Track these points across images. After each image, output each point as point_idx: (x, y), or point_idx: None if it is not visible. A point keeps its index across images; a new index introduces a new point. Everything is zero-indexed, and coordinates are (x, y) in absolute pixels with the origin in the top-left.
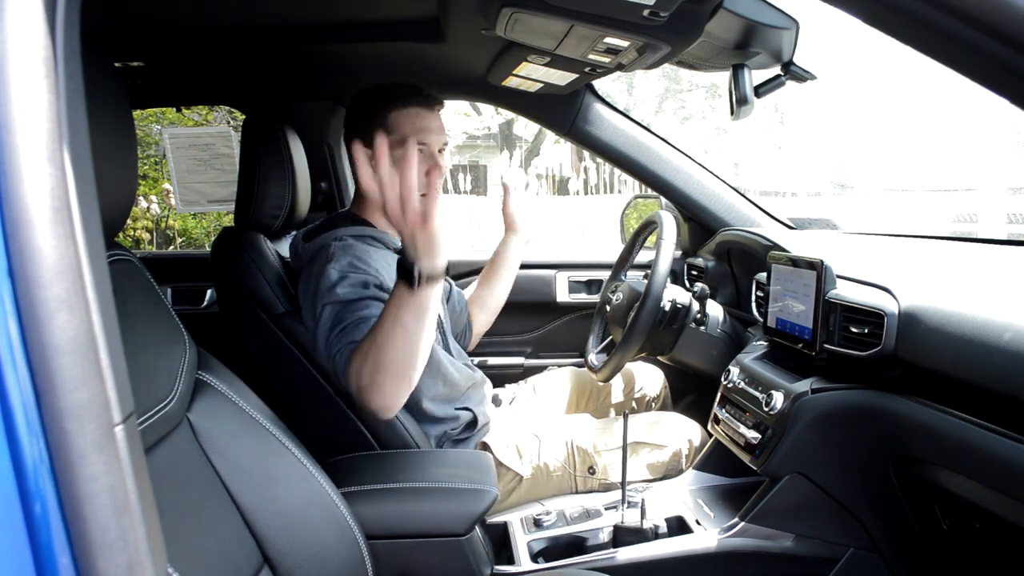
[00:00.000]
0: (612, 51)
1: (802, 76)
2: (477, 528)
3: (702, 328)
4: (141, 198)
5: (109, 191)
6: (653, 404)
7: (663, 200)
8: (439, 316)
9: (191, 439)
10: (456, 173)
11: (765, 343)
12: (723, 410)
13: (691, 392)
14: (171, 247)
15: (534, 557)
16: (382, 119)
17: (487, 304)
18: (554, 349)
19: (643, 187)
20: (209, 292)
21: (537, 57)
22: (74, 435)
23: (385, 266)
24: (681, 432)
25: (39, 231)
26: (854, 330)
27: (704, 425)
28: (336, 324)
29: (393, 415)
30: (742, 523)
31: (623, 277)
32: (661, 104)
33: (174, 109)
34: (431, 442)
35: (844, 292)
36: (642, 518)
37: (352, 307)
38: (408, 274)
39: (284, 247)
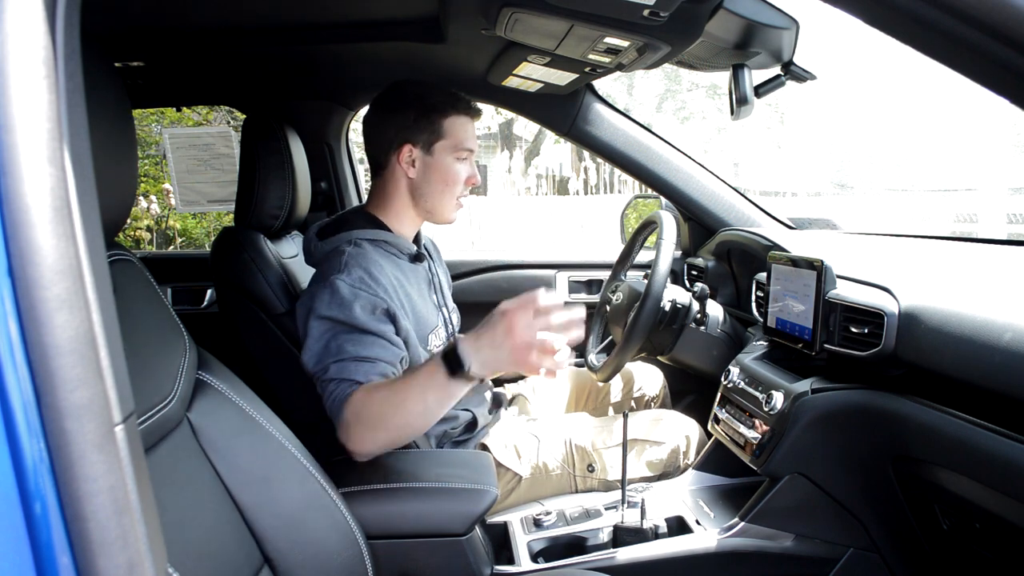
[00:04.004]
0: (612, 51)
1: (802, 76)
2: (477, 528)
3: (702, 328)
4: (141, 198)
5: (109, 191)
6: (652, 404)
7: (663, 200)
8: (448, 317)
9: (191, 439)
10: None
11: (765, 343)
12: (723, 410)
13: (691, 392)
14: (171, 247)
15: (534, 557)
16: (438, 124)
17: None
18: None
19: (643, 187)
20: (209, 292)
21: (537, 57)
22: (74, 435)
23: (395, 280)
24: (679, 429)
25: (39, 231)
26: (854, 330)
27: (704, 425)
28: (336, 351)
29: (365, 459)
30: (742, 523)
31: (623, 277)
32: (661, 104)
33: (174, 109)
34: (431, 442)
35: (844, 292)
36: (642, 518)
37: (356, 338)
38: (454, 364)
39: (284, 247)
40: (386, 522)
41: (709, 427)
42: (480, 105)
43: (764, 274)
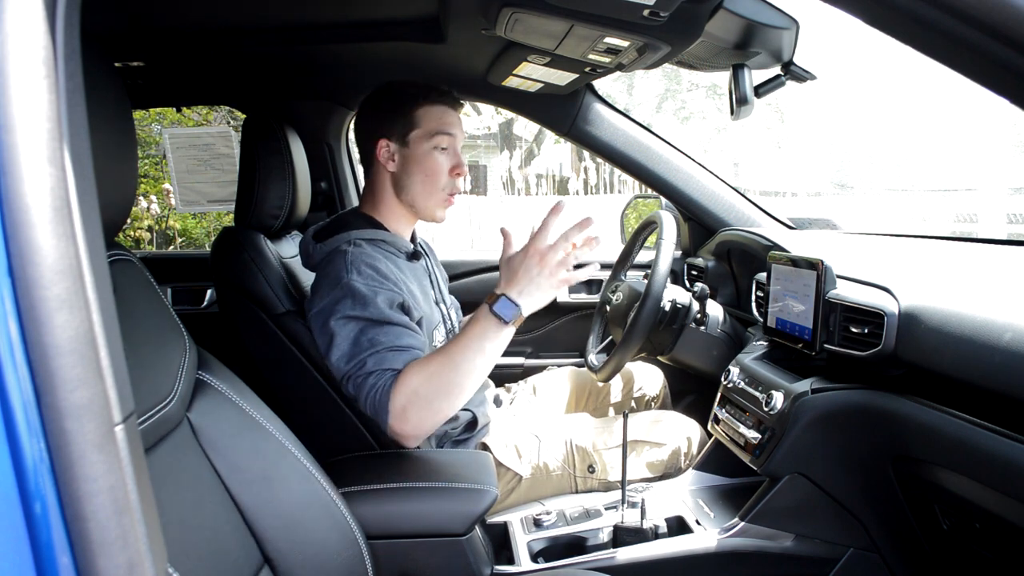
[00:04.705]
0: (612, 51)
1: (802, 76)
2: (477, 528)
3: (702, 328)
4: (141, 198)
5: (109, 191)
6: (653, 404)
7: (663, 200)
8: (446, 313)
9: (191, 439)
10: None
11: (765, 343)
12: (723, 410)
13: (691, 392)
14: (171, 247)
15: (534, 557)
16: (410, 114)
17: None
18: (554, 349)
19: (643, 187)
20: (209, 292)
21: (537, 57)
22: (74, 435)
23: (402, 277)
24: (680, 430)
25: (39, 231)
26: (854, 330)
27: (704, 425)
28: (368, 345)
29: (418, 444)
30: (742, 523)
31: (623, 277)
32: (661, 104)
33: (174, 109)
34: (431, 442)
35: (844, 292)
36: (642, 518)
37: (386, 330)
38: (506, 314)
39: (284, 247)
40: (386, 522)
41: (709, 427)
42: (480, 105)
43: (764, 274)
